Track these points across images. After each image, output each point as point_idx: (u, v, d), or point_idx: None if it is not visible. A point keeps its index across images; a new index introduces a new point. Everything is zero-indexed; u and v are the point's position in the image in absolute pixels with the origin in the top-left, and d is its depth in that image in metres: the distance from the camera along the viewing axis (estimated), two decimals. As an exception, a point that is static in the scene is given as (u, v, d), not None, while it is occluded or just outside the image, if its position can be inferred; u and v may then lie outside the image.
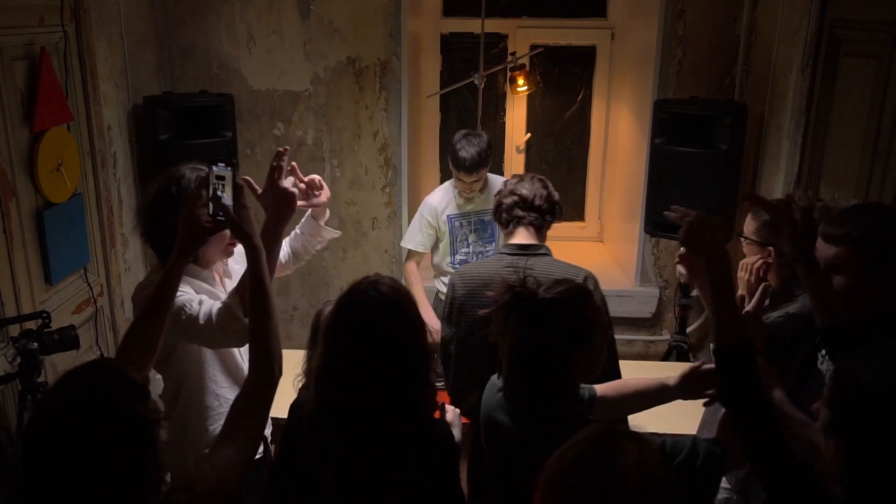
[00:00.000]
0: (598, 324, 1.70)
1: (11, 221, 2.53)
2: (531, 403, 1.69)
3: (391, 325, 1.61)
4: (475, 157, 3.16)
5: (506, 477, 1.77)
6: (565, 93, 4.73)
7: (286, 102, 3.93)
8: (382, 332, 1.60)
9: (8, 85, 2.53)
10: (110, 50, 3.27)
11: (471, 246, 3.42)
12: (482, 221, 3.40)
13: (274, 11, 3.80)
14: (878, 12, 2.57)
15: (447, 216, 3.37)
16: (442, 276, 3.48)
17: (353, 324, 1.62)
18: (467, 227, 3.40)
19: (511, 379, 1.72)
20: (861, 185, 2.62)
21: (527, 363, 1.67)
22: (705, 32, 3.71)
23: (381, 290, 1.64)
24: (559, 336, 1.64)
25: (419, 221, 3.40)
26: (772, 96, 3.39)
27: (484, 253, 3.44)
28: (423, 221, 3.38)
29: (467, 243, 3.41)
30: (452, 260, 3.44)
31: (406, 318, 1.63)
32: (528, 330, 1.65)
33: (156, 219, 1.95)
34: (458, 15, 4.53)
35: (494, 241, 3.44)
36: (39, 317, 2.33)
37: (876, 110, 2.55)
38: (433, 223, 3.37)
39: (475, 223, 3.40)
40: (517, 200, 2.41)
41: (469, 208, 3.37)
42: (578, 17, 4.55)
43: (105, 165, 3.16)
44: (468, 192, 3.31)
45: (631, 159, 4.20)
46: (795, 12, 3.13)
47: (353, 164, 4.01)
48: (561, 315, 1.64)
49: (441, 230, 3.39)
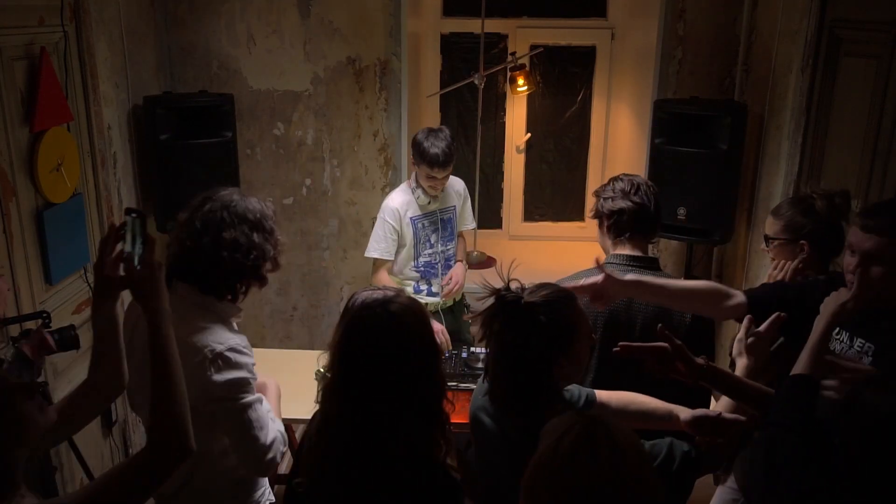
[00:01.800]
0: (582, 329, 1.69)
1: (11, 221, 2.53)
2: (514, 406, 1.68)
3: (400, 348, 1.51)
4: (446, 151, 3.13)
5: (489, 476, 1.78)
6: (565, 93, 4.73)
7: (286, 102, 3.93)
8: (389, 355, 1.50)
9: (8, 85, 2.53)
10: (110, 50, 3.27)
11: (433, 245, 3.40)
12: (443, 220, 3.40)
13: (274, 11, 3.80)
14: (878, 12, 2.57)
15: (410, 218, 3.32)
16: (403, 284, 3.41)
17: (359, 345, 1.52)
18: (430, 227, 3.38)
19: (495, 381, 1.71)
20: (861, 185, 2.62)
21: (510, 366, 1.66)
22: (705, 32, 3.71)
23: (392, 308, 1.53)
24: (542, 339, 1.63)
25: (383, 228, 3.30)
26: (772, 96, 3.39)
27: (446, 251, 3.43)
28: (387, 227, 3.30)
29: (430, 244, 3.40)
30: (416, 263, 3.41)
31: (417, 341, 1.53)
32: (512, 332, 1.65)
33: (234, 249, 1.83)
34: (458, 15, 4.53)
35: (454, 239, 3.44)
36: (39, 317, 2.33)
37: (876, 110, 2.55)
38: (397, 227, 3.30)
39: (437, 222, 3.39)
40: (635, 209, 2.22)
41: (432, 207, 3.34)
42: (578, 17, 4.55)
43: (105, 165, 3.16)
44: (436, 191, 3.28)
45: (631, 159, 4.20)
46: (795, 12, 3.13)
47: (353, 164, 4.01)
48: (545, 318, 1.63)
49: (404, 233, 3.32)
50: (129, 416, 3.36)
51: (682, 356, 1.71)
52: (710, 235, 3.49)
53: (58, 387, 2.81)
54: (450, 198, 3.42)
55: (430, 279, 3.45)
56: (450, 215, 3.42)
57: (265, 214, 1.88)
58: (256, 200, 1.90)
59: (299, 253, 4.12)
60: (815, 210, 2.21)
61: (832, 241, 2.21)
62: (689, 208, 3.43)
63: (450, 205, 3.42)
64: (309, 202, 4.07)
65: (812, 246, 2.19)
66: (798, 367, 1.60)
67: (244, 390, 1.80)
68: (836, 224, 2.21)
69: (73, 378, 2.93)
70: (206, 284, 1.83)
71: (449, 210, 3.42)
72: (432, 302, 3.43)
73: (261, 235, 1.85)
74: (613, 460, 1.17)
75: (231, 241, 1.80)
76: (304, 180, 4.04)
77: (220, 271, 1.82)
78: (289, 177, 4.03)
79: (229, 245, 1.80)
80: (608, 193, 2.25)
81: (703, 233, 3.50)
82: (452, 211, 3.43)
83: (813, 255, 2.20)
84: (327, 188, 4.04)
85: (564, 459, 1.19)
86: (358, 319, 1.53)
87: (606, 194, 2.25)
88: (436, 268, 3.43)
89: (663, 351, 1.72)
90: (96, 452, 3.12)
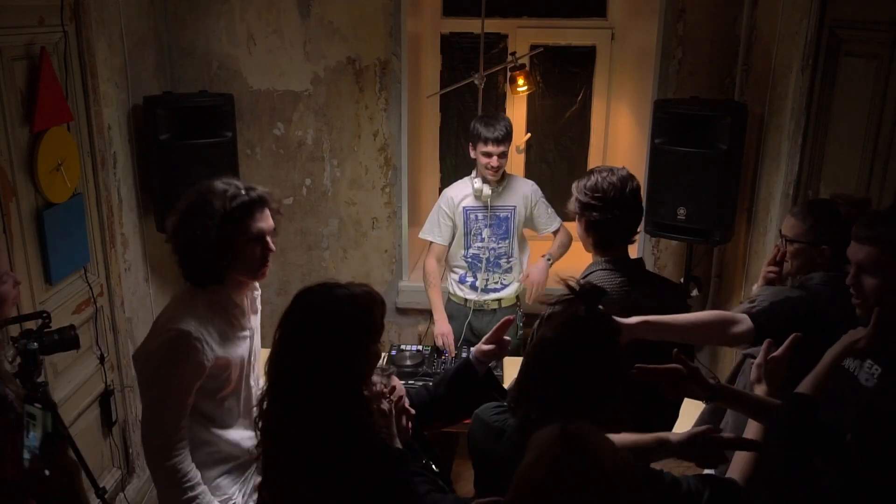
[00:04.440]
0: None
1: (11, 221, 2.53)
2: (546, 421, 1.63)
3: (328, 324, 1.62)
4: (500, 127, 3.22)
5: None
6: (565, 93, 4.73)
7: (286, 102, 3.93)
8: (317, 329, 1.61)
9: (8, 85, 2.53)
10: (110, 50, 3.27)
11: (485, 241, 3.41)
12: (497, 217, 3.40)
13: (274, 11, 3.80)
14: (878, 12, 2.57)
15: (463, 207, 3.38)
16: (453, 270, 3.48)
17: (294, 316, 1.67)
18: (483, 220, 3.40)
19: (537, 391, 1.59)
20: (861, 185, 2.62)
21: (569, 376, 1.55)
22: (705, 32, 3.71)
23: (336, 292, 1.66)
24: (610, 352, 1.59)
25: (437, 213, 3.43)
26: (772, 96, 3.39)
27: (497, 249, 3.43)
28: (440, 213, 3.41)
29: (481, 238, 3.41)
30: (466, 253, 3.45)
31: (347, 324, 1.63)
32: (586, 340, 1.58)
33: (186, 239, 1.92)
34: (458, 15, 4.53)
35: (508, 237, 3.43)
36: (39, 317, 2.33)
37: (876, 110, 2.55)
38: (450, 214, 3.39)
39: (491, 217, 3.39)
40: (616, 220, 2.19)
41: (488, 200, 3.35)
42: (578, 17, 4.55)
43: (105, 165, 3.16)
44: (495, 173, 3.30)
45: (631, 159, 4.20)
46: (795, 12, 3.13)
47: (353, 164, 4.01)
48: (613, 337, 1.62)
49: (456, 222, 3.40)
50: (129, 416, 3.36)
51: (697, 378, 1.69)
52: (710, 235, 3.49)
53: (58, 387, 2.81)
54: (511, 197, 3.41)
55: (476, 273, 3.46)
56: (507, 214, 3.41)
57: (214, 192, 1.92)
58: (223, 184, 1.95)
59: (299, 253, 4.13)
60: (840, 216, 2.20)
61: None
62: (689, 208, 3.42)
63: (509, 204, 3.41)
64: (309, 202, 4.07)
65: (832, 251, 2.18)
66: (801, 387, 1.60)
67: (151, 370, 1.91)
68: None
69: (72, 378, 2.93)
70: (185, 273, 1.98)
71: (507, 209, 3.41)
72: (472, 298, 3.46)
73: (203, 219, 1.89)
74: (595, 472, 1.15)
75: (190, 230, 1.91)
76: (304, 180, 4.04)
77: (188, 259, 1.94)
78: (289, 177, 4.03)
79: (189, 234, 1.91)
80: (586, 198, 2.19)
81: (703, 233, 3.49)
82: (511, 210, 3.41)
83: (831, 260, 2.19)
84: (327, 188, 4.04)
85: (547, 472, 1.17)
86: (303, 293, 1.70)
87: (585, 198, 2.19)
88: (483, 261, 3.44)
89: (678, 373, 1.69)
90: (96, 452, 3.12)
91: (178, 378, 1.90)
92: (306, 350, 1.61)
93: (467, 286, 3.49)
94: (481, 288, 3.46)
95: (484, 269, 3.43)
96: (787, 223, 2.31)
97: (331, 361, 1.59)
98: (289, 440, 1.61)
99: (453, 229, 3.42)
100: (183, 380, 1.91)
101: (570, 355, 1.55)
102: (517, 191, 3.42)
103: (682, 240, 3.69)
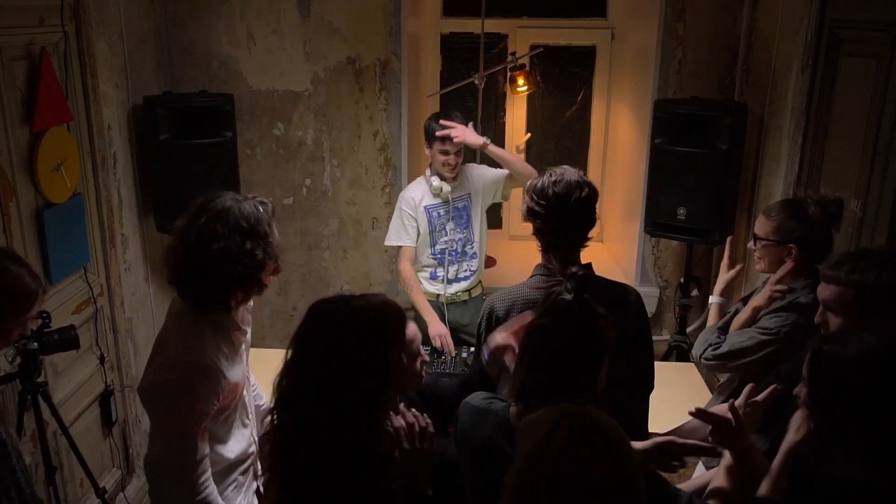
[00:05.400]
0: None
1: (11, 221, 2.53)
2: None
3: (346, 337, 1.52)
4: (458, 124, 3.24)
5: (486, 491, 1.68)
6: (565, 93, 4.73)
7: (286, 102, 3.93)
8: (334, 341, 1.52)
9: (8, 85, 2.53)
10: (110, 50, 3.27)
11: (449, 234, 3.43)
12: (457, 209, 3.41)
13: (274, 11, 3.80)
14: (878, 12, 2.57)
15: (424, 207, 3.39)
16: (422, 269, 3.48)
17: (310, 330, 1.56)
18: (445, 215, 3.41)
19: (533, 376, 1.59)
20: (861, 185, 2.62)
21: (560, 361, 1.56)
22: (705, 32, 3.71)
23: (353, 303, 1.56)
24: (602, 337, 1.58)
25: (400, 217, 3.41)
26: (772, 96, 3.39)
27: (462, 239, 3.44)
28: (404, 215, 3.40)
29: (445, 232, 3.43)
30: (433, 251, 3.45)
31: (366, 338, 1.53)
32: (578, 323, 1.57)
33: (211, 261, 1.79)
34: (458, 15, 4.53)
35: (469, 226, 3.45)
36: (39, 317, 2.33)
37: (876, 110, 2.55)
38: (413, 215, 3.39)
39: (452, 210, 3.40)
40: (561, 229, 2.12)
41: (446, 196, 3.37)
42: (578, 17, 4.55)
43: (105, 165, 3.16)
44: (452, 170, 3.31)
45: (631, 159, 4.20)
46: (795, 12, 3.13)
47: (353, 164, 4.01)
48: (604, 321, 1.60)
49: (420, 222, 3.41)
50: (129, 416, 3.36)
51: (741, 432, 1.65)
52: (710, 235, 3.49)
53: (58, 387, 2.81)
54: (465, 186, 3.44)
55: (447, 265, 3.47)
56: (464, 203, 3.44)
57: (259, 219, 1.84)
58: (252, 204, 1.86)
59: (299, 253, 4.13)
60: (808, 215, 2.21)
61: (821, 247, 2.21)
62: (688, 208, 3.43)
63: (465, 193, 3.44)
64: (309, 202, 4.07)
65: (800, 250, 2.20)
66: (762, 489, 1.58)
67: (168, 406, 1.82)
68: (827, 231, 2.22)
69: (72, 378, 2.93)
70: (191, 296, 1.85)
71: (463, 198, 3.43)
72: (443, 293, 3.45)
73: (254, 242, 1.82)
74: (608, 450, 1.18)
75: (219, 252, 1.78)
76: (304, 180, 4.04)
77: (205, 284, 1.82)
78: (289, 177, 4.03)
79: (217, 257, 1.78)
80: (532, 202, 2.09)
81: (703, 233, 3.50)
82: (467, 198, 3.44)
83: (800, 260, 2.21)
84: (327, 188, 4.04)
85: (560, 453, 1.18)
86: (318, 306, 1.59)
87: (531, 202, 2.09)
88: (452, 255, 3.46)
89: (728, 423, 1.66)
90: (96, 452, 3.12)
91: (198, 414, 1.82)
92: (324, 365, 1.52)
93: (439, 281, 3.49)
94: (452, 279, 3.48)
95: (453, 261, 3.47)
96: (758, 222, 2.33)
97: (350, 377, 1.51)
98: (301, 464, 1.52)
99: (418, 229, 3.43)
100: (204, 415, 1.84)
101: (555, 340, 1.57)
102: (468, 178, 3.45)
103: (681, 240, 3.69)
